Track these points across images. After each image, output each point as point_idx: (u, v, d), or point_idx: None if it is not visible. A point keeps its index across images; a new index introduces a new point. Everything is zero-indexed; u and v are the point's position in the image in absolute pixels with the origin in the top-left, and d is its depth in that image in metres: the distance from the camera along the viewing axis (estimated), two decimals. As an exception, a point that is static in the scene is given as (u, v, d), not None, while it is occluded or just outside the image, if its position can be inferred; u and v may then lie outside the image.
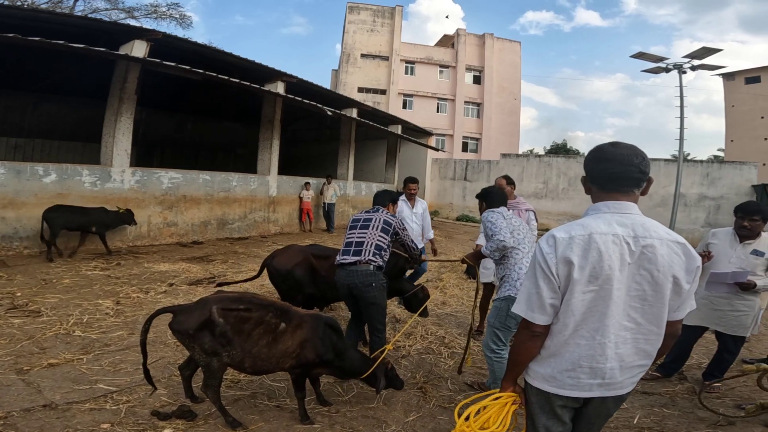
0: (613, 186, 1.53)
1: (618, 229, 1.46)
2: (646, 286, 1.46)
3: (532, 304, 1.51)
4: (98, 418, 2.55)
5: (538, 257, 1.50)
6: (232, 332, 2.50)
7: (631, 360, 1.52)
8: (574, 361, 1.50)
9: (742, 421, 3.02)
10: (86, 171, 7.45)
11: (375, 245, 3.26)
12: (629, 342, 1.50)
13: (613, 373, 1.50)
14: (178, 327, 2.52)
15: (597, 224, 1.47)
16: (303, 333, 2.61)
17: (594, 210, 1.55)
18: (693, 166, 15.74)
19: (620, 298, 1.46)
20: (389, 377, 2.81)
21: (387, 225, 3.36)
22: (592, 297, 1.46)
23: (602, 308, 1.46)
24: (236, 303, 2.58)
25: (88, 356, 3.34)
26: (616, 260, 1.44)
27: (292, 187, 11.86)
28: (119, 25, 8.87)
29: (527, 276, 1.57)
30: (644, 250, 1.46)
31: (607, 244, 1.44)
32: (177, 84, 10.58)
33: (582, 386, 1.52)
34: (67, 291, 4.94)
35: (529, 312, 1.52)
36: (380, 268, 3.26)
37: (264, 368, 2.64)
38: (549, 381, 1.56)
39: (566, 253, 1.44)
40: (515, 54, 34.83)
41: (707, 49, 13.45)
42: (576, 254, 1.44)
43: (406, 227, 3.56)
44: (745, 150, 28.31)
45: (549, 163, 17.46)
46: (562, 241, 1.46)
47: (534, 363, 1.60)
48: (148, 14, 20.55)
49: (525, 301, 1.54)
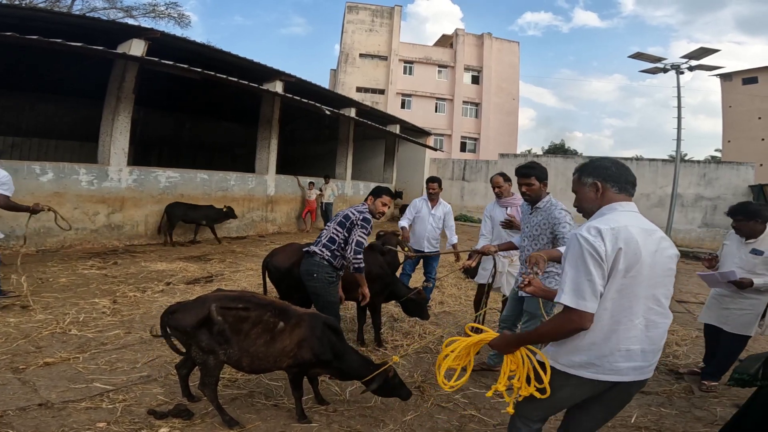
0: (629, 188, 1.77)
1: (637, 224, 1.66)
2: (662, 271, 1.65)
3: (584, 292, 1.56)
4: (94, 417, 2.54)
5: (585, 246, 1.58)
6: (231, 331, 2.49)
7: (660, 343, 1.68)
8: (612, 346, 1.61)
9: None
10: (83, 170, 7.42)
11: (328, 237, 3.25)
12: (660, 326, 1.66)
13: (645, 356, 1.64)
14: (175, 324, 2.51)
15: (624, 219, 1.64)
16: (301, 332, 2.59)
17: (610, 210, 1.72)
18: (690, 166, 15.78)
19: (647, 284, 1.61)
20: (391, 385, 2.70)
21: (345, 218, 3.28)
22: (628, 283, 1.59)
23: (636, 293, 1.60)
24: (235, 302, 2.57)
25: (84, 355, 3.32)
26: (646, 249, 1.60)
27: (291, 187, 11.85)
28: (117, 24, 8.84)
29: (571, 266, 1.61)
30: (657, 240, 1.66)
31: (639, 235, 1.61)
32: (175, 83, 10.56)
33: (619, 370, 1.63)
34: (63, 290, 4.93)
35: (581, 301, 1.56)
36: (327, 261, 3.22)
37: (262, 367, 2.63)
38: (587, 368, 1.65)
39: (615, 241, 1.57)
40: (514, 54, 34.86)
41: (705, 50, 13.48)
42: (622, 242, 1.57)
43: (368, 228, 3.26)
44: (743, 150, 28.42)
45: (547, 163, 17.47)
46: (607, 231, 1.59)
47: (569, 353, 1.69)
48: (147, 13, 20.49)
49: (573, 291, 1.57)
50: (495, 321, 4.73)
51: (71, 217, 7.23)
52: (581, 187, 1.85)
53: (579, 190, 1.87)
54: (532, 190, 3.16)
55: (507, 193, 4.21)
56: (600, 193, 1.78)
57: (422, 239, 4.98)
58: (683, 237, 14.25)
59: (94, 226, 7.53)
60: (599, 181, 1.78)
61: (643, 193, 15.83)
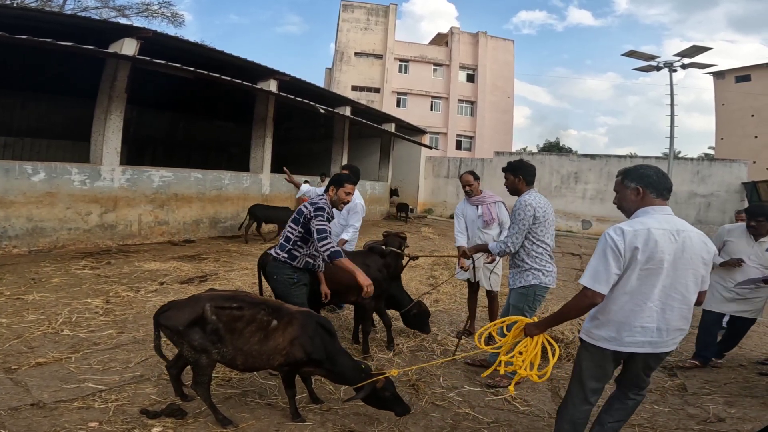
0: (665, 194, 2.09)
1: (665, 225, 1.99)
2: (688, 266, 1.99)
3: (600, 277, 1.97)
4: (86, 416, 2.53)
5: (609, 242, 1.97)
6: (225, 330, 2.49)
7: (675, 324, 2.04)
8: (630, 323, 2.00)
9: (732, 418, 3.03)
10: (75, 169, 7.36)
11: (284, 237, 3.14)
12: (675, 310, 2.02)
13: (660, 333, 2.01)
14: (166, 322, 2.50)
15: (651, 222, 1.99)
16: (293, 330, 2.58)
17: (644, 213, 2.06)
18: (683, 163, 15.88)
19: (669, 275, 1.97)
20: (381, 397, 2.61)
21: (298, 214, 3.10)
22: (646, 274, 1.96)
23: (653, 282, 1.97)
24: (229, 301, 2.57)
25: (77, 355, 3.31)
26: (667, 247, 1.95)
27: (286, 186, 11.81)
28: (109, 23, 8.79)
29: (595, 257, 2.01)
30: (684, 239, 1.98)
31: (660, 235, 1.95)
32: (169, 82, 10.50)
33: (636, 343, 2.02)
34: (56, 290, 4.89)
35: (596, 284, 1.97)
36: (284, 262, 3.08)
37: (255, 365, 2.62)
38: (609, 341, 2.06)
39: (633, 241, 1.94)
40: (508, 52, 34.93)
41: (697, 48, 13.57)
42: (640, 242, 1.94)
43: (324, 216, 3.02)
44: (736, 148, 28.63)
45: (542, 161, 17.53)
46: (629, 232, 1.95)
47: (594, 328, 2.10)
48: (140, 12, 20.33)
49: (591, 276, 1.98)
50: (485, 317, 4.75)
51: (64, 217, 7.20)
52: (624, 189, 2.15)
53: (621, 191, 2.18)
54: (507, 183, 3.44)
55: (476, 191, 4.32)
56: (640, 196, 2.09)
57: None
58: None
59: (86, 225, 7.48)
60: (641, 186, 2.09)
61: (637, 190, 15.92)
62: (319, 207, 3.03)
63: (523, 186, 3.36)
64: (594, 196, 16.59)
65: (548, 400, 3.22)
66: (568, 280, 7.44)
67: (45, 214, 6.96)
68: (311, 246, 3.12)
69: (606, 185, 16.39)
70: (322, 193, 3.25)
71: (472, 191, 4.31)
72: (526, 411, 3.03)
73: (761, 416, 3.04)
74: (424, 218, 17.20)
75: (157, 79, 9.30)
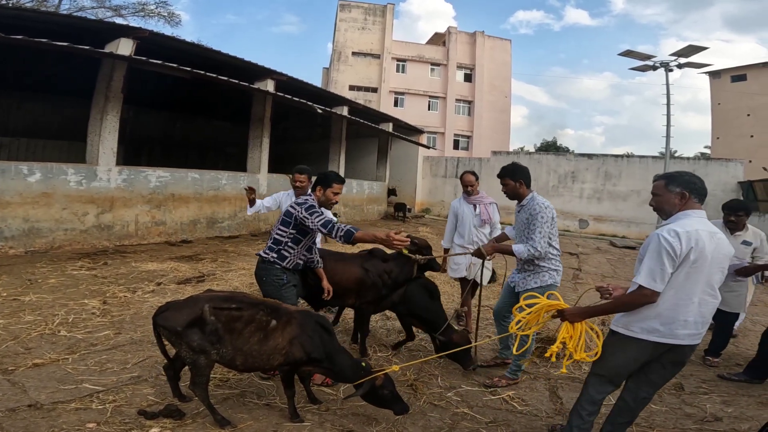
0: (703, 199, 2.28)
1: (706, 227, 2.19)
2: (718, 265, 2.18)
3: (656, 276, 2.12)
4: (84, 417, 2.52)
5: (663, 244, 2.12)
6: (224, 330, 2.50)
7: (707, 318, 2.22)
8: (674, 317, 2.15)
9: (729, 417, 3.05)
10: (71, 170, 7.33)
11: (273, 239, 3.08)
12: (710, 305, 2.20)
13: (696, 326, 2.18)
14: (164, 323, 2.50)
15: (695, 224, 2.17)
16: (292, 330, 2.60)
17: (686, 215, 2.23)
18: (680, 163, 15.97)
19: (706, 272, 2.14)
20: (380, 395, 2.62)
21: (287, 216, 3.04)
22: (692, 272, 2.13)
23: (697, 279, 2.14)
24: (227, 302, 2.58)
25: (74, 356, 3.29)
26: (708, 247, 2.13)
27: (283, 185, 11.79)
28: (105, 23, 8.75)
29: (650, 257, 2.16)
30: (717, 241, 2.17)
31: (704, 236, 2.13)
32: (166, 83, 10.47)
33: (677, 336, 2.18)
34: (52, 291, 4.87)
35: (653, 283, 2.13)
36: (273, 263, 3.04)
37: (255, 365, 2.62)
38: (653, 333, 2.19)
39: (689, 242, 2.11)
40: (506, 52, 34.98)
41: (693, 47, 13.62)
42: (693, 242, 2.11)
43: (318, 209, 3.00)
44: (732, 147, 28.75)
45: (539, 160, 17.58)
46: (683, 234, 2.12)
47: (636, 321, 2.22)
48: (136, 12, 20.26)
49: (649, 275, 2.14)
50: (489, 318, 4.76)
51: (60, 218, 7.17)
52: (667, 193, 2.30)
53: (664, 195, 2.31)
54: (507, 189, 3.41)
55: (476, 191, 4.51)
56: (684, 201, 2.26)
57: None
58: (673, 233, 14.42)
59: (83, 226, 7.45)
60: (687, 191, 2.25)
61: (633, 189, 15.98)
62: (311, 205, 3.00)
63: (524, 190, 3.36)
64: (591, 195, 16.63)
65: (546, 399, 3.24)
66: (566, 279, 7.45)
67: (41, 214, 6.93)
68: (303, 247, 3.11)
69: (603, 185, 16.45)
70: (309, 193, 3.18)
71: (473, 191, 4.47)
72: (524, 411, 3.04)
73: (758, 415, 3.06)
74: (421, 218, 17.21)
75: (153, 79, 9.26)
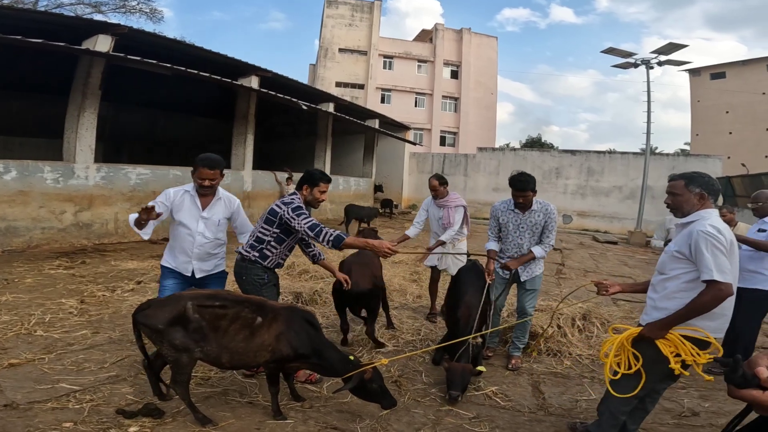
0: (717, 199, 2.37)
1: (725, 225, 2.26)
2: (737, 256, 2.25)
3: (725, 269, 2.11)
4: (61, 417, 2.47)
5: (713, 240, 2.14)
6: (209, 328, 2.46)
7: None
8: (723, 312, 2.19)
9: (707, 411, 3.09)
10: (48, 168, 7.15)
11: (255, 237, 2.99)
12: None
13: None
14: (145, 320, 2.45)
15: (720, 222, 2.25)
16: (278, 326, 2.57)
17: (708, 214, 2.28)
18: (660, 159, 16.27)
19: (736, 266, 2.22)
20: (368, 389, 2.61)
21: (271, 215, 2.95)
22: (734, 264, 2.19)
23: (734, 273, 2.19)
24: (211, 299, 2.54)
25: (51, 356, 3.22)
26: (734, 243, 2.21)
27: (268, 182, 11.70)
28: (82, 20, 8.61)
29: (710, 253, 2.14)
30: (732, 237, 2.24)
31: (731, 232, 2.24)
32: (147, 79, 10.26)
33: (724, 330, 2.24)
34: (29, 290, 4.75)
35: (724, 275, 2.10)
36: (255, 262, 2.96)
37: (242, 362, 2.60)
38: (718, 332, 2.21)
39: (728, 235, 2.19)
40: (492, 49, 35.17)
41: (673, 45, 13.86)
42: (730, 236, 2.19)
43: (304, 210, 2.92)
44: (710, 144, 29.40)
45: (524, 156, 17.75)
46: (723, 229, 2.19)
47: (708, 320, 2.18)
48: (117, 9, 19.85)
49: (719, 270, 2.10)
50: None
51: (37, 216, 6.99)
52: (687, 193, 2.33)
53: (684, 195, 2.35)
54: (527, 199, 3.56)
55: (442, 194, 4.62)
56: (703, 202, 2.32)
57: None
58: (654, 228, 14.67)
59: (61, 225, 7.28)
60: (706, 192, 2.31)
61: (615, 185, 16.25)
62: (298, 206, 2.92)
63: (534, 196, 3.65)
64: (575, 191, 16.86)
65: (529, 395, 3.25)
66: (549, 274, 7.56)
67: (18, 213, 6.75)
68: (286, 247, 3.05)
69: (586, 180, 16.68)
70: (295, 192, 3.10)
71: (438, 195, 4.60)
72: (507, 406, 3.06)
73: (735, 410, 3.01)
74: (408, 214, 17.23)
75: (135, 76, 9.08)
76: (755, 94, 28.22)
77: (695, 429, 2.87)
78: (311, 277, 5.90)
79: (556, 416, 2.95)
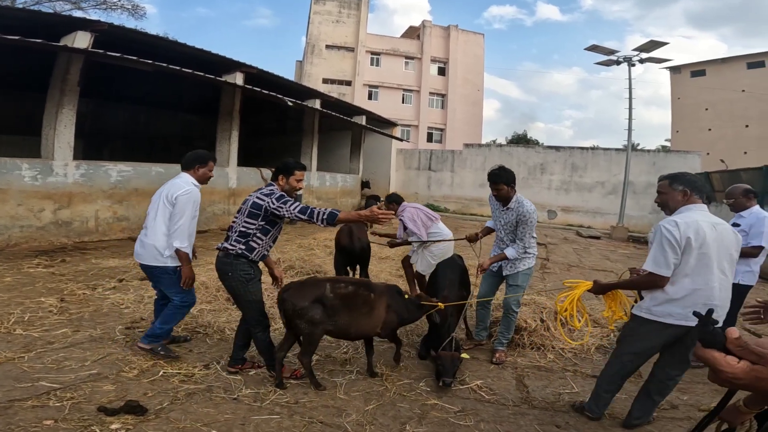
0: (703, 195, 2.53)
1: (707, 218, 2.44)
2: (725, 253, 2.42)
3: (660, 263, 2.40)
4: (41, 414, 2.44)
5: (665, 233, 2.39)
6: (341, 305, 2.96)
7: (726, 302, 2.47)
8: (695, 300, 2.35)
9: (685, 405, 3.13)
10: (26, 165, 6.97)
11: (239, 232, 3.00)
12: (726, 290, 2.45)
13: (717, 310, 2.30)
14: (292, 298, 2.91)
15: (696, 216, 2.43)
16: (386, 299, 3.15)
17: (687, 209, 2.49)
18: (641, 155, 16.55)
19: (716, 258, 2.38)
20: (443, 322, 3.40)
21: (255, 208, 2.97)
22: (701, 258, 2.37)
23: (708, 264, 2.37)
24: (338, 281, 3.14)
25: (30, 354, 3.16)
26: (711, 235, 2.38)
27: (254, 179, 11.59)
28: (60, 17, 8.40)
29: (655, 246, 2.45)
30: (720, 231, 2.43)
31: (704, 226, 2.38)
32: (130, 76, 10.09)
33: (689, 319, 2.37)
34: (8, 289, 4.64)
35: (657, 267, 2.42)
36: (241, 257, 2.99)
37: (363, 333, 3.17)
38: (674, 316, 2.43)
39: (686, 231, 2.37)
40: (479, 46, 35.32)
41: (655, 43, 14.09)
42: (691, 232, 2.37)
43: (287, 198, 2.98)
44: (690, 140, 30.01)
45: (510, 152, 17.89)
46: (682, 224, 2.38)
47: (657, 305, 2.47)
48: (97, 5, 19.40)
49: (654, 262, 2.43)
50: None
51: (15, 214, 6.82)
52: (672, 192, 2.56)
53: (669, 193, 2.58)
54: (500, 193, 3.66)
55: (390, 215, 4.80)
56: (687, 197, 2.51)
57: None
58: (635, 223, 14.96)
59: (40, 223, 7.11)
60: (689, 189, 2.51)
61: (598, 181, 16.50)
62: (281, 195, 2.96)
63: (513, 192, 3.68)
64: (559, 186, 17.07)
65: (513, 388, 3.29)
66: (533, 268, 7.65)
67: (-3, 210, 6.57)
68: (270, 237, 3.11)
69: (570, 176, 16.89)
70: (270, 183, 3.12)
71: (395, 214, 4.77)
72: (491, 400, 3.09)
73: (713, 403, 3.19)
74: (395, 211, 17.26)
75: (117, 73, 8.91)
76: (734, 91, 28.86)
77: (674, 422, 2.91)
78: (297, 273, 5.90)
79: (539, 409, 2.99)
